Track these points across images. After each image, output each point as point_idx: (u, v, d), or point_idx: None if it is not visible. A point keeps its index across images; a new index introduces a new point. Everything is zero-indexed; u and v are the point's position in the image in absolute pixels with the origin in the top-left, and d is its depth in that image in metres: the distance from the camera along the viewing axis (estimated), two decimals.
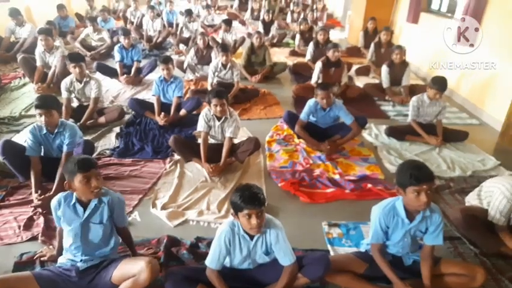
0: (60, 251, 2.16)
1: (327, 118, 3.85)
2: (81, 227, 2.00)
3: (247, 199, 1.81)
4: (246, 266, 2.08)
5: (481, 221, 2.48)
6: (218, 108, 3.27)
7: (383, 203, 2.14)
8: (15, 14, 6.37)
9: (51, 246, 2.33)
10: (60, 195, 2.04)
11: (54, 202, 2.03)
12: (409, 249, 2.17)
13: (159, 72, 4.48)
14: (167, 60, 4.33)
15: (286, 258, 1.99)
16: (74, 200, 2.00)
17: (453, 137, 4.07)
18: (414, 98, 4.04)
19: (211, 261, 2.00)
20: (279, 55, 7.76)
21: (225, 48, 5.05)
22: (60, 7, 8.01)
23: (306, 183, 3.29)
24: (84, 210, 2.00)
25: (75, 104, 4.30)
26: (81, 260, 2.03)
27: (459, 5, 5.72)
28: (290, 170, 3.49)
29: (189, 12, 8.01)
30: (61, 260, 2.09)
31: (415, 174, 1.91)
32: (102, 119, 4.27)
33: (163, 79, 4.38)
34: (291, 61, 7.21)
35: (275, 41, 8.63)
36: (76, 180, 1.91)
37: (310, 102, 3.78)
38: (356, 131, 3.82)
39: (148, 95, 5.05)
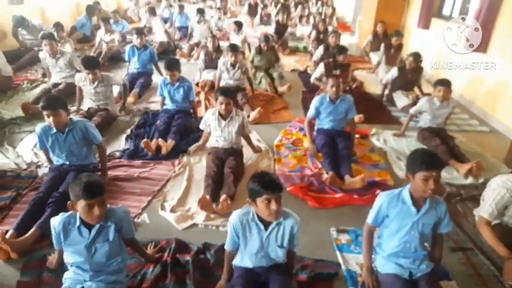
0: (61, 258, 2.10)
1: (337, 112, 3.76)
2: (87, 249, 1.91)
3: (267, 184, 1.82)
4: (259, 261, 2.04)
5: None
6: (223, 107, 3.32)
7: (390, 191, 2.15)
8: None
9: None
10: (63, 218, 1.92)
11: (57, 225, 1.92)
12: (417, 246, 2.09)
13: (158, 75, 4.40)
14: (172, 67, 4.15)
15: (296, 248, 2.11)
16: (78, 223, 1.90)
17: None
18: (424, 99, 4.08)
19: (227, 244, 2.09)
20: (287, 59, 7.70)
21: (234, 48, 5.02)
22: (91, 9, 8.14)
23: (315, 187, 3.27)
24: (90, 231, 1.91)
25: (85, 106, 4.34)
26: (89, 279, 1.96)
27: (471, 10, 5.67)
28: (299, 174, 3.48)
29: (200, 11, 7.74)
30: (68, 275, 2.02)
31: (427, 160, 1.95)
32: None
33: (169, 82, 4.25)
34: (300, 65, 7.21)
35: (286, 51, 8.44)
36: (79, 205, 1.83)
37: (316, 98, 3.82)
38: (353, 126, 3.87)
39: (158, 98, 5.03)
